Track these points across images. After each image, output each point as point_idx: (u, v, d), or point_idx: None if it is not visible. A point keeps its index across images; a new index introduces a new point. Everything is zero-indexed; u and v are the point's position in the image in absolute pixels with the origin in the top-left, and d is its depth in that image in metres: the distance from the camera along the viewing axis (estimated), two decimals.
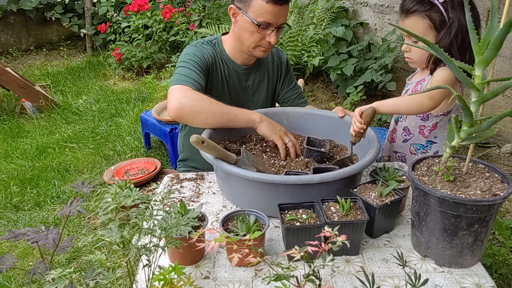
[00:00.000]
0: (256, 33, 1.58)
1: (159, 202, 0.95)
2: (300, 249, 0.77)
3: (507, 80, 0.86)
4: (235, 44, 1.69)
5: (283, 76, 1.90)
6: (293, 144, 1.49)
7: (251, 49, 1.65)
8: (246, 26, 1.58)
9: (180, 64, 1.60)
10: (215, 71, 1.70)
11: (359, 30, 3.95)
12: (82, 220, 2.48)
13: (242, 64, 1.75)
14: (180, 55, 1.67)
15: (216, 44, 1.72)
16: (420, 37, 0.96)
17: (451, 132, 1.00)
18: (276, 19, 1.56)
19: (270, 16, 1.54)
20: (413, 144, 1.70)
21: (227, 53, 1.72)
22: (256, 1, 1.53)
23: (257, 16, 1.54)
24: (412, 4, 1.49)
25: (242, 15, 1.58)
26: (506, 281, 1.85)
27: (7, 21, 5.52)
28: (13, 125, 3.77)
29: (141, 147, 3.29)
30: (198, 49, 1.65)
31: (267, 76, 1.84)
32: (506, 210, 2.36)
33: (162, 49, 4.91)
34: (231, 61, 1.73)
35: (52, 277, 0.79)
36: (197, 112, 1.45)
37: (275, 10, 1.53)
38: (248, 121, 1.50)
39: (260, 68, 1.81)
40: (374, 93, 3.65)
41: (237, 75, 1.76)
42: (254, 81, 1.80)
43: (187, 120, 1.49)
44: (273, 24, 1.57)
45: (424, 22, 1.48)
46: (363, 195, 1.17)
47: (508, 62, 2.81)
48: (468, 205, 0.95)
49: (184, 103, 1.45)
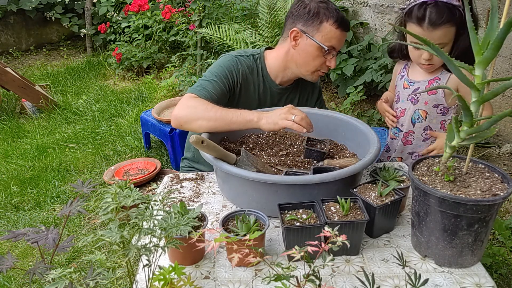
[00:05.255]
0: (320, 57, 1.62)
1: (159, 202, 0.95)
2: (300, 249, 0.76)
3: (507, 80, 0.86)
4: (284, 64, 1.70)
5: (313, 100, 1.90)
6: (301, 117, 1.40)
7: (309, 74, 1.67)
8: (310, 50, 1.61)
9: (207, 73, 1.64)
10: (246, 85, 1.69)
11: (359, 30, 3.95)
12: (82, 220, 2.48)
13: (279, 84, 1.75)
14: (214, 62, 1.70)
15: (258, 59, 1.72)
16: (421, 37, 0.96)
17: (451, 132, 1.00)
18: (340, 44, 1.63)
19: (336, 41, 1.60)
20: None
21: (267, 70, 1.72)
22: (325, 27, 1.58)
23: (325, 41, 1.59)
24: (441, 17, 1.47)
25: (307, 39, 1.60)
26: (506, 281, 1.85)
27: (7, 21, 5.52)
28: (13, 125, 3.77)
29: (141, 147, 3.29)
30: (232, 63, 1.66)
31: (297, 99, 1.84)
32: (506, 210, 2.36)
33: (162, 49, 4.91)
34: (269, 78, 1.73)
35: (52, 277, 0.79)
36: (192, 119, 1.48)
37: (341, 36, 1.61)
38: (246, 123, 1.47)
39: (294, 90, 1.81)
40: (374, 93, 3.65)
41: (271, 93, 1.76)
42: (285, 102, 1.79)
43: (186, 127, 1.53)
44: (337, 49, 1.63)
45: (454, 29, 1.51)
46: (363, 195, 1.17)
47: (508, 62, 2.81)
48: (468, 205, 0.95)
49: (180, 113, 1.51)
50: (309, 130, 1.41)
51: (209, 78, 1.61)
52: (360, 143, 1.48)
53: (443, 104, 1.65)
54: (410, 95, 1.72)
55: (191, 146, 1.89)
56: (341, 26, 1.59)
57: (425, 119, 1.70)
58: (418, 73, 1.71)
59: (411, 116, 1.73)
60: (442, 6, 1.47)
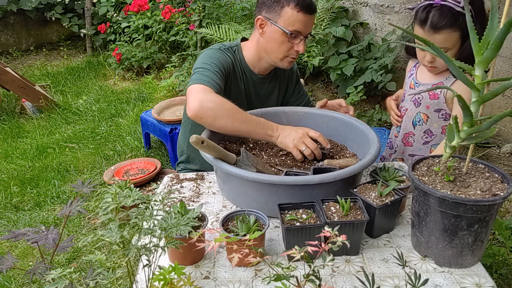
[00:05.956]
0: (286, 43, 1.60)
1: (159, 202, 0.95)
2: (300, 249, 0.76)
3: (507, 80, 0.86)
4: (258, 53, 1.69)
5: (293, 85, 1.91)
6: (310, 152, 1.41)
7: (279, 60, 1.65)
8: (275, 36, 1.59)
9: (201, 65, 1.58)
10: (234, 77, 1.70)
11: (359, 30, 3.95)
12: (82, 220, 2.48)
13: (258, 73, 1.76)
14: (199, 56, 1.65)
15: (236, 51, 1.72)
16: (422, 38, 0.96)
17: (451, 132, 1.00)
18: (305, 28, 1.59)
19: (300, 25, 1.57)
20: (435, 145, 1.70)
21: (245, 61, 1.72)
22: (287, 11, 1.55)
23: (288, 25, 1.56)
24: (443, 20, 1.46)
25: (271, 25, 1.59)
26: (506, 281, 1.85)
27: (7, 21, 5.51)
28: (13, 125, 3.77)
29: (141, 147, 3.29)
30: (220, 54, 1.64)
31: (278, 86, 1.85)
32: (506, 210, 2.36)
33: (162, 49, 4.90)
34: (248, 69, 1.73)
35: (52, 277, 0.79)
36: (218, 116, 1.42)
37: (305, 19, 1.56)
38: (264, 137, 1.47)
39: (274, 78, 1.82)
40: (374, 93, 3.65)
41: (253, 83, 1.77)
42: (267, 90, 1.82)
43: (206, 122, 1.44)
44: (303, 33, 1.59)
45: (457, 34, 1.48)
46: (363, 195, 1.17)
47: (508, 62, 2.81)
48: (468, 205, 0.95)
49: (207, 105, 1.42)
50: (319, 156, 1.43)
51: (212, 69, 1.56)
52: (360, 143, 1.48)
53: (445, 109, 1.64)
54: (414, 96, 1.72)
55: (183, 149, 1.90)
56: (303, 9, 1.55)
57: (426, 122, 1.70)
58: (425, 75, 1.70)
59: (412, 118, 1.73)
60: (446, 10, 1.46)
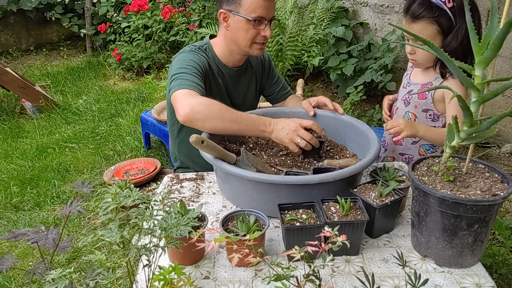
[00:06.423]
0: (252, 30, 1.62)
1: (159, 202, 0.95)
2: (300, 249, 0.76)
3: (507, 80, 0.86)
4: (228, 47, 1.72)
5: (266, 71, 1.94)
6: (306, 143, 1.42)
7: (248, 48, 1.67)
8: (240, 25, 1.62)
9: (178, 70, 1.58)
10: (211, 75, 1.72)
11: (359, 30, 3.95)
12: (82, 220, 2.48)
13: (233, 67, 1.78)
14: (174, 61, 1.66)
15: (207, 49, 1.74)
16: (421, 37, 0.96)
17: (451, 132, 1.00)
18: (267, 13, 1.62)
19: (262, 10, 1.60)
20: (423, 145, 1.70)
21: (218, 57, 1.74)
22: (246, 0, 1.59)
23: (250, 13, 1.59)
24: (420, 9, 1.47)
25: (234, 16, 1.62)
26: (506, 281, 1.85)
27: (7, 21, 5.51)
28: (13, 125, 3.77)
29: (141, 147, 3.29)
30: (194, 55, 1.65)
31: (254, 75, 1.89)
32: (506, 210, 2.36)
33: (162, 49, 4.91)
34: (222, 64, 1.75)
35: (52, 277, 0.79)
36: (208, 118, 1.43)
37: (265, 4, 1.60)
38: (258, 133, 1.48)
39: (248, 68, 1.86)
40: (374, 93, 3.65)
41: (230, 78, 1.79)
42: (244, 82, 1.85)
43: (197, 125, 1.46)
44: (266, 17, 1.62)
45: (433, 27, 1.48)
46: (363, 195, 1.17)
47: (508, 62, 2.81)
48: (468, 205, 0.95)
49: (196, 108, 1.43)
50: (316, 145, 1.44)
51: (191, 72, 1.57)
52: (360, 143, 1.48)
53: (432, 110, 1.64)
54: (404, 96, 1.72)
55: (176, 155, 1.90)
56: None
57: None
58: (418, 75, 1.71)
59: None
60: (426, 1, 1.47)
